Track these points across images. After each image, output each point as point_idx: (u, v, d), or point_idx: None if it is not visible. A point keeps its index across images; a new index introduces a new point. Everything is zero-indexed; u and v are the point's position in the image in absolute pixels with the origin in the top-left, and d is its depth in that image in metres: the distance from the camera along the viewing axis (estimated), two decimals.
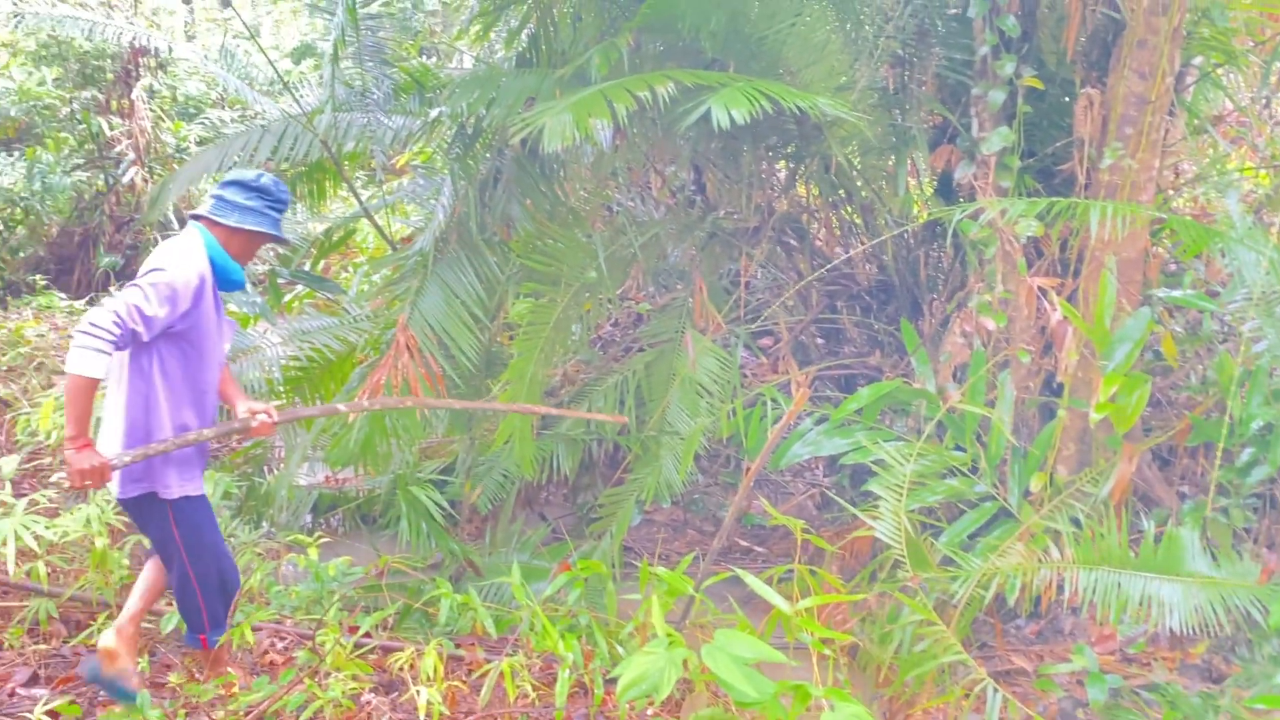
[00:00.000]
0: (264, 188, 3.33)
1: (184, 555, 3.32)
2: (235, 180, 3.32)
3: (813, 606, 3.18)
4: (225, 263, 3.27)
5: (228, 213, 3.27)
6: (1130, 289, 4.67)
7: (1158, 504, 4.87)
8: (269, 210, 3.34)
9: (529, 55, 4.90)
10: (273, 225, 3.34)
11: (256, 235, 3.34)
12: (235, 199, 3.29)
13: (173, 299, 3.05)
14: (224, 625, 3.49)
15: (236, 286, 3.37)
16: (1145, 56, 4.46)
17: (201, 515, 3.37)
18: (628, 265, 5.68)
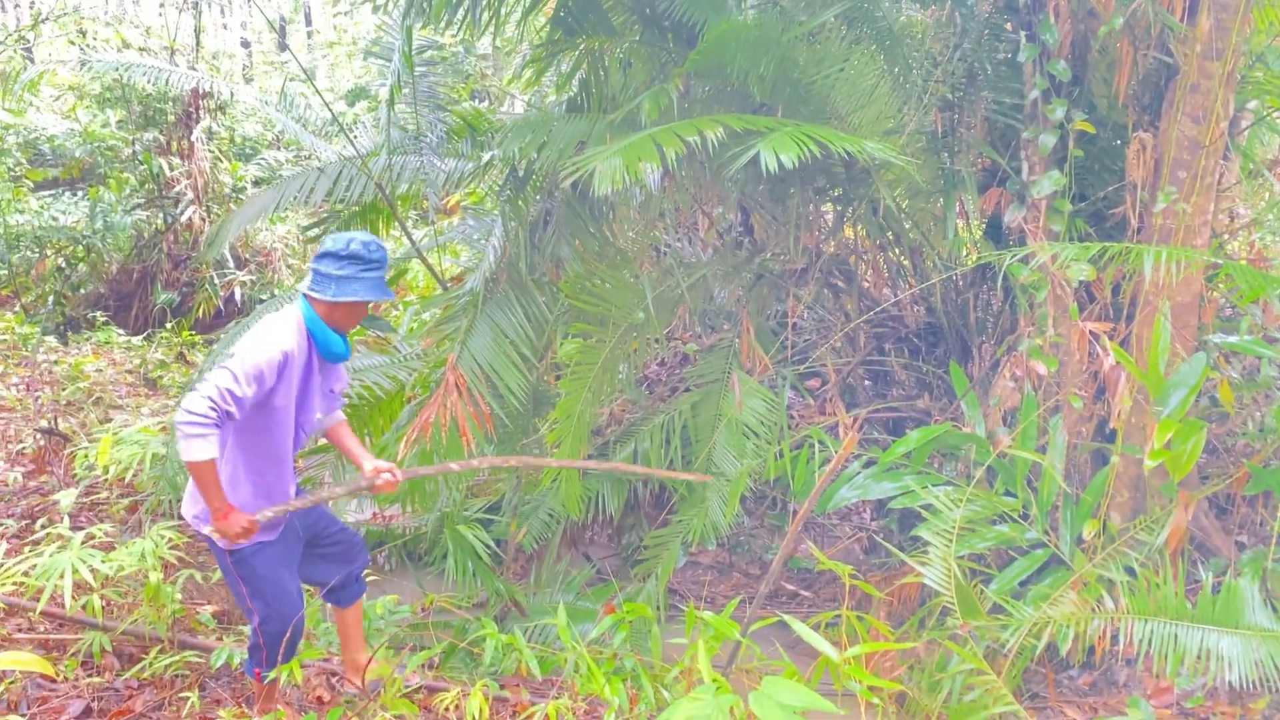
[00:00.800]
0: (355, 254, 3.35)
1: (244, 592, 3.48)
2: (328, 252, 3.38)
3: (861, 654, 3.15)
4: (325, 335, 3.38)
5: (325, 286, 3.35)
6: (1185, 334, 4.60)
7: (1215, 554, 4.77)
8: (363, 275, 3.36)
9: (580, 100, 4.97)
10: (368, 289, 3.36)
11: (356, 303, 3.40)
12: (329, 271, 3.35)
13: (259, 378, 3.17)
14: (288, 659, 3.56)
15: (338, 358, 3.46)
16: (1199, 100, 4.42)
17: (260, 561, 3.46)
18: (675, 306, 5.70)
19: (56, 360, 8.36)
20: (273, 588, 3.48)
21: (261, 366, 3.17)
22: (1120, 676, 4.73)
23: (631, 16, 5.17)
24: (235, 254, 11.18)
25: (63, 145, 11.09)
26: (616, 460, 5.81)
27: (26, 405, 7.17)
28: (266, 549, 3.47)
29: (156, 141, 10.97)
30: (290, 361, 3.27)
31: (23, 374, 8.10)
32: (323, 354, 3.43)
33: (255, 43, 23.39)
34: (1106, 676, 4.75)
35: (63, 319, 10.41)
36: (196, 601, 4.78)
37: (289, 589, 3.54)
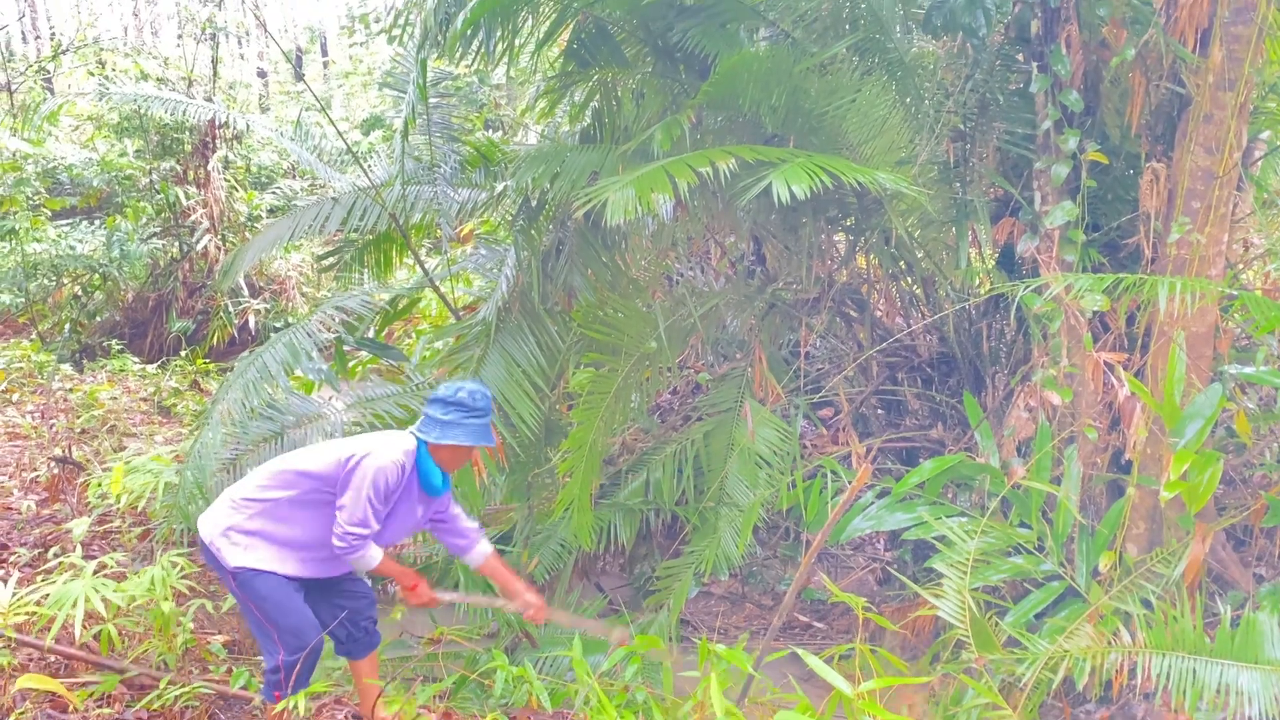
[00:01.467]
0: (460, 402, 3.66)
1: (258, 616, 3.59)
2: (438, 398, 3.70)
3: (875, 689, 3.12)
4: (428, 471, 3.71)
5: (430, 429, 3.66)
6: (1200, 365, 4.58)
7: (1233, 586, 4.71)
8: (466, 421, 3.65)
9: (593, 131, 5.00)
10: (470, 435, 3.65)
11: (458, 447, 3.71)
12: (436, 415, 3.67)
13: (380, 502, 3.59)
14: (301, 685, 3.63)
15: (435, 491, 3.77)
16: (1212, 131, 4.42)
17: (263, 583, 3.57)
18: (687, 335, 5.70)
19: (72, 388, 8.40)
20: (279, 608, 3.58)
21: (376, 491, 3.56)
22: (1138, 712, 4.66)
23: (644, 48, 5.20)
24: (250, 282, 11.25)
25: (81, 174, 11.21)
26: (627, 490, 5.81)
27: (41, 433, 7.20)
28: (269, 576, 3.58)
29: (173, 171, 11.08)
30: (402, 485, 3.65)
31: (38, 401, 8.15)
32: (423, 486, 3.74)
33: (272, 73, 23.64)
34: (1124, 711, 4.69)
35: (78, 346, 10.48)
36: (208, 631, 4.77)
37: (301, 610, 3.63)
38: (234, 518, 3.59)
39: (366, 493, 3.52)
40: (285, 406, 5.33)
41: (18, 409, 7.97)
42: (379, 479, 3.54)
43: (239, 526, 3.58)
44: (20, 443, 7.12)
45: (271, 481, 3.64)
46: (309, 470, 3.63)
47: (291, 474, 3.64)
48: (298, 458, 3.72)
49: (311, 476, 3.61)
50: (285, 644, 3.58)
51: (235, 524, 3.58)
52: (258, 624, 3.62)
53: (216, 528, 3.60)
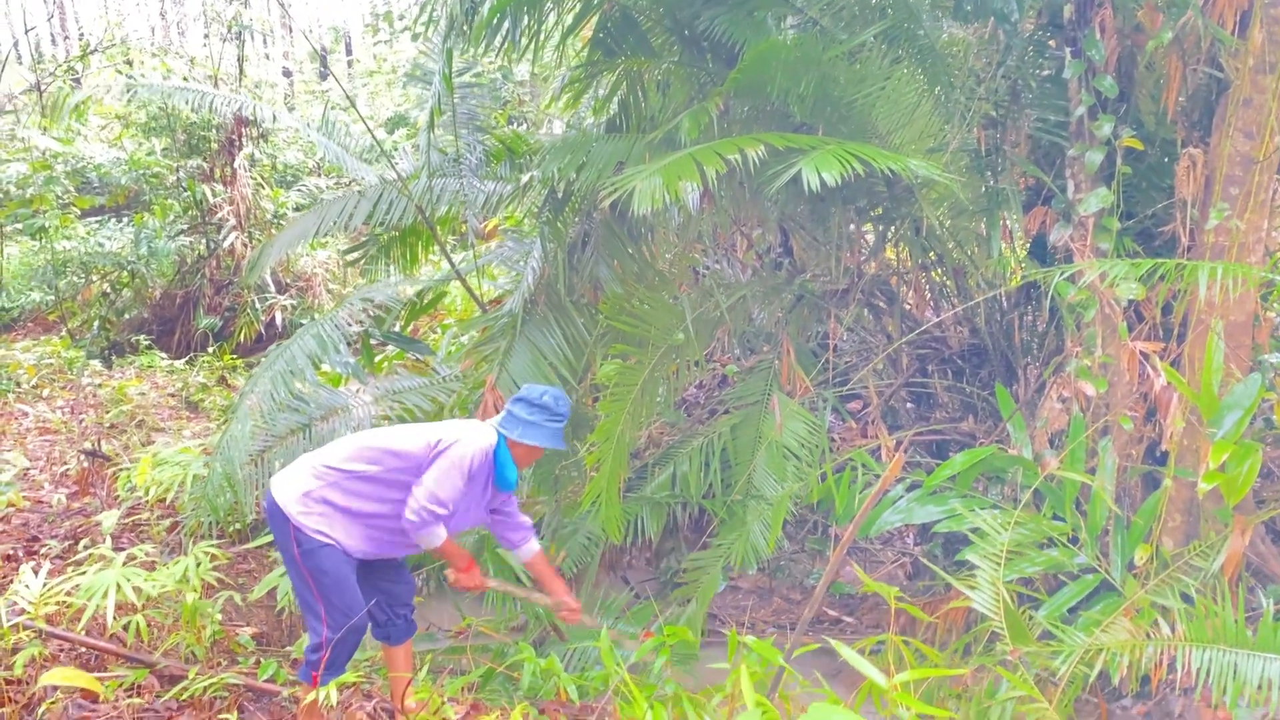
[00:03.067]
0: (545, 405, 3.83)
1: (312, 590, 3.61)
2: (523, 398, 3.86)
3: (909, 680, 3.06)
4: (505, 465, 3.84)
5: (514, 427, 3.81)
6: (1239, 354, 4.49)
7: (1272, 580, 4.63)
8: (547, 424, 3.81)
9: (618, 121, 4.96)
10: (548, 438, 3.81)
11: (534, 446, 3.85)
12: (520, 415, 3.82)
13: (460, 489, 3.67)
14: (339, 671, 3.65)
15: (508, 485, 3.89)
16: (1251, 115, 4.33)
17: (328, 557, 3.60)
18: (714, 327, 5.66)
19: (101, 384, 8.46)
20: (338, 585, 3.60)
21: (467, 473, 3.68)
22: (1176, 707, 4.59)
23: (670, 37, 5.16)
24: (276, 279, 11.30)
25: (109, 173, 11.28)
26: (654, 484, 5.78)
27: (71, 428, 7.25)
28: (334, 550, 3.60)
29: (200, 169, 11.14)
30: (481, 473, 3.76)
31: (68, 397, 8.20)
32: (498, 481, 3.86)
33: (297, 72, 23.75)
34: (1161, 707, 4.61)
35: (107, 343, 10.55)
36: (236, 623, 4.77)
37: (354, 590, 3.66)
38: (313, 484, 3.64)
39: (453, 474, 3.62)
40: (313, 399, 5.33)
41: (48, 404, 8.02)
42: (469, 464, 3.66)
43: (316, 494, 3.62)
44: (50, 437, 7.16)
45: (357, 455, 3.68)
46: (398, 449, 3.68)
47: (379, 451, 3.69)
48: (387, 436, 3.77)
49: (399, 455, 3.67)
50: (333, 622, 3.59)
51: (313, 490, 3.62)
52: (309, 599, 3.63)
53: (294, 492, 3.63)
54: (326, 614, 3.59)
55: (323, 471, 3.65)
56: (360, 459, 3.67)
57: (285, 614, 4.91)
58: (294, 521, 3.57)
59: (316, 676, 3.50)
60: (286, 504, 3.60)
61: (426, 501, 3.56)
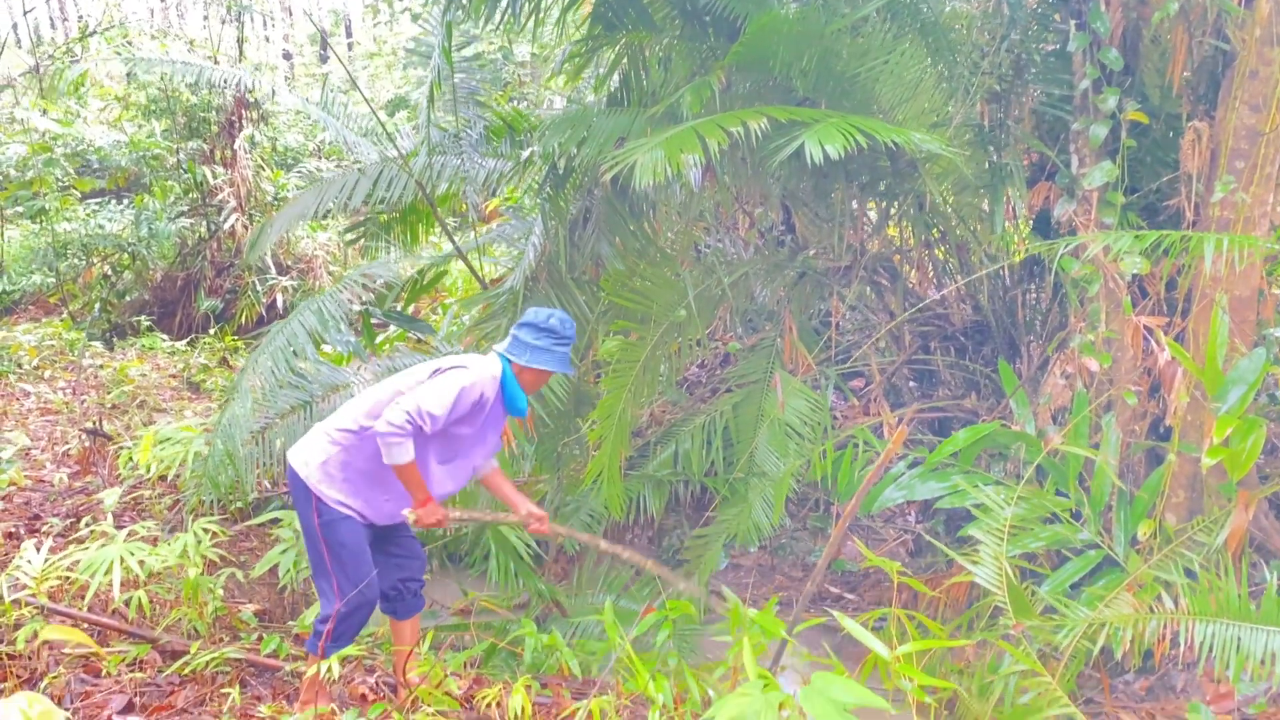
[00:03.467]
0: (551, 328, 3.76)
1: (327, 561, 3.58)
2: (528, 322, 3.79)
3: (913, 652, 3.06)
4: (514, 392, 3.77)
5: (521, 352, 3.75)
6: (1244, 329, 4.47)
7: (1276, 555, 4.62)
8: (555, 348, 3.77)
9: (619, 96, 4.93)
10: (557, 362, 3.77)
11: (543, 371, 3.80)
12: (527, 339, 3.76)
13: (454, 405, 3.54)
14: (347, 643, 3.64)
15: (519, 412, 3.83)
16: (1258, 88, 4.30)
17: (347, 529, 3.59)
18: (716, 305, 5.64)
19: (102, 365, 8.45)
20: (355, 558, 3.59)
21: (460, 396, 3.54)
22: (1178, 682, 4.59)
23: (672, 11, 5.12)
24: (277, 261, 11.27)
25: (109, 155, 11.24)
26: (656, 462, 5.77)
27: (73, 408, 7.24)
28: (354, 522, 3.60)
29: (200, 151, 11.10)
30: (484, 404, 3.66)
31: (69, 378, 8.20)
32: (509, 407, 3.81)
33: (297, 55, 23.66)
34: (1164, 682, 4.61)
35: (109, 326, 10.54)
36: (238, 600, 4.78)
37: (370, 564, 3.65)
38: (330, 451, 3.61)
39: (445, 396, 3.50)
40: (314, 376, 5.32)
41: (50, 385, 8.02)
42: (467, 393, 3.56)
43: (335, 460, 3.59)
44: (52, 417, 7.16)
45: (369, 411, 3.62)
46: (399, 386, 3.64)
47: (388, 396, 3.63)
48: (392, 381, 3.71)
49: (400, 391, 3.61)
50: (345, 594, 3.58)
51: (331, 457, 3.59)
52: (324, 570, 3.61)
53: (313, 460, 3.60)
54: (339, 586, 3.58)
55: (337, 437, 3.63)
56: (371, 415, 3.61)
57: (287, 591, 4.91)
58: (315, 491, 3.56)
59: (324, 648, 3.50)
60: (308, 474, 3.58)
61: (411, 408, 3.42)
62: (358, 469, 3.60)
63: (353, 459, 3.60)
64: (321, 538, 3.58)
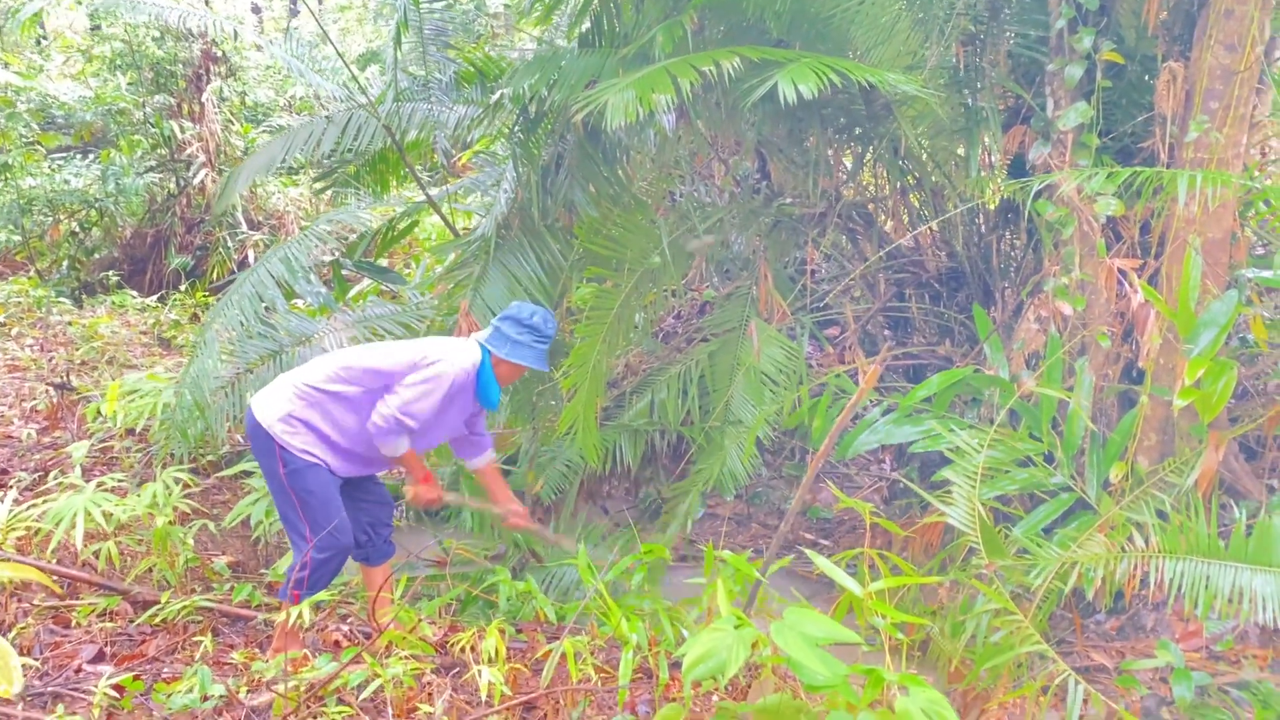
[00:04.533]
0: (534, 326, 3.84)
1: (297, 509, 3.59)
2: (512, 316, 3.86)
3: (885, 589, 3.07)
4: (489, 382, 3.84)
5: (501, 344, 3.81)
6: (1216, 272, 4.47)
7: (1244, 497, 4.66)
8: (535, 344, 3.83)
9: (591, 38, 4.84)
10: (535, 358, 3.84)
11: (519, 365, 3.87)
12: (509, 333, 3.82)
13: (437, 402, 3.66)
14: (321, 587, 3.64)
15: (490, 405, 3.92)
16: (1232, 27, 4.27)
17: (314, 477, 3.59)
18: (691, 252, 5.59)
19: (71, 321, 8.32)
20: (324, 505, 3.59)
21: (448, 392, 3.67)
22: (1148, 621, 4.64)
23: None
24: (248, 216, 11.11)
25: (74, 110, 11.00)
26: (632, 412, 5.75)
27: (40, 365, 7.14)
28: (322, 470, 3.60)
29: (167, 105, 10.88)
30: (455, 395, 3.73)
31: (37, 335, 8.07)
32: (481, 399, 3.87)
33: (266, 8, 23.22)
34: (1134, 621, 4.66)
35: (77, 283, 10.37)
36: (211, 552, 4.74)
37: (341, 510, 3.65)
38: (295, 405, 3.60)
39: (431, 392, 3.60)
40: (283, 325, 5.25)
41: (17, 343, 7.89)
42: (450, 384, 3.65)
43: (299, 414, 3.59)
44: (20, 374, 7.06)
45: (338, 375, 3.65)
46: (380, 368, 3.65)
47: (360, 370, 3.65)
48: (368, 354, 3.72)
49: (381, 374, 3.64)
50: (319, 542, 3.58)
51: (295, 411, 3.59)
52: (294, 519, 3.62)
53: (275, 413, 3.59)
54: (312, 534, 3.57)
55: (304, 391, 3.61)
56: (340, 380, 3.63)
57: (261, 542, 4.88)
58: (279, 441, 3.53)
59: (297, 595, 3.48)
60: (270, 424, 3.56)
61: (397, 410, 3.54)
62: (318, 429, 3.60)
63: (318, 416, 3.60)
64: (289, 488, 3.57)
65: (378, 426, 3.55)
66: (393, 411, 3.55)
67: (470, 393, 3.81)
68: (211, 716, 3.11)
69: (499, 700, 3.09)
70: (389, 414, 3.55)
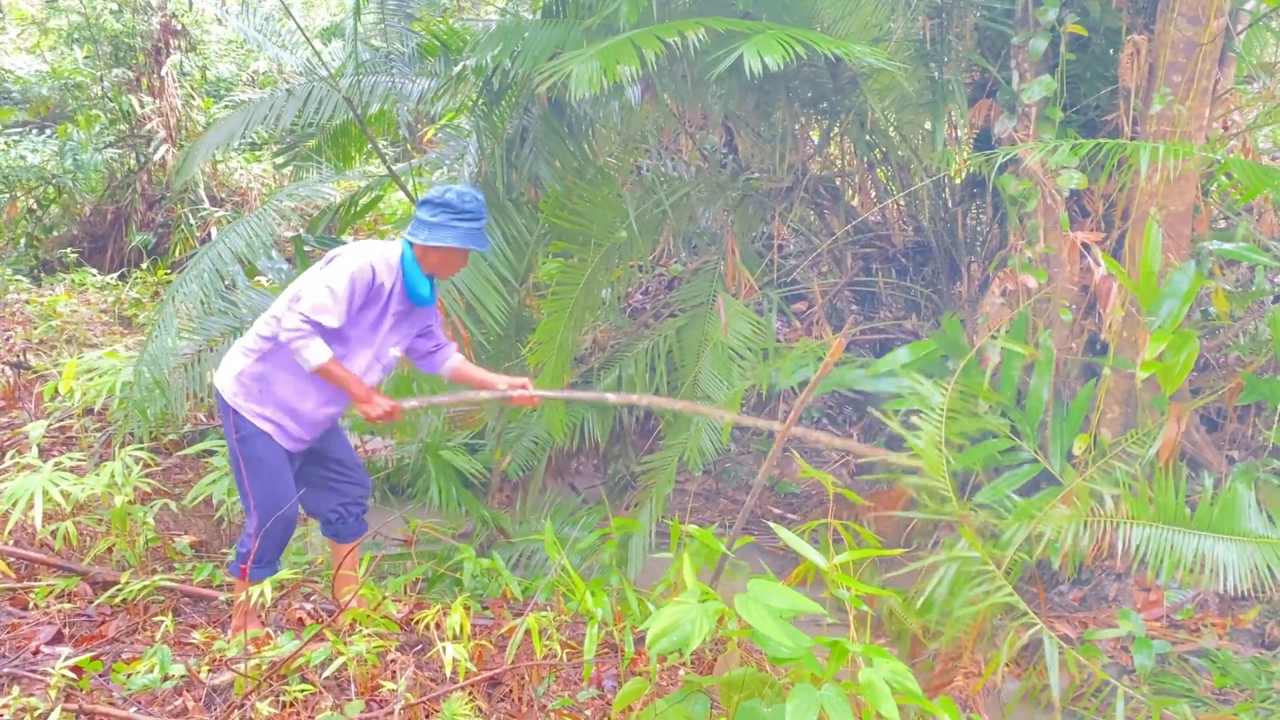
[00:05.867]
0: (448, 202, 3.47)
1: (246, 476, 3.49)
2: (424, 199, 3.52)
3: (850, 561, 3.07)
4: (414, 276, 3.53)
5: (417, 231, 3.49)
6: (1179, 244, 4.50)
7: (1205, 467, 4.71)
8: (455, 223, 3.46)
9: (555, 8, 4.78)
10: (460, 238, 3.47)
11: (449, 250, 3.52)
12: (424, 217, 3.49)
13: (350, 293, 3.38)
14: (272, 566, 3.56)
15: (422, 301, 3.59)
16: (1196, 0, 4.28)
17: (264, 447, 3.48)
18: (658, 227, 5.56)
19: (28, 300, 8.17)
20: (271, 474, 3.49)
21: (352, 282, 3.36)
22: (1110, 591, 4.69)
23: None
24: (210, 193, 10.94)
25: (29, 84, 10.78)
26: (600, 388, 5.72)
27: None
28: (270, 439, 3.49)
29: (126, 79, 10.67)
30: (378, 286, 3.44)
31: None
32: (409, 295, 3.55)
33: None
34: (1096, 591, 4.71)
35: (35, 262, 10.18)
36: (173, 532, 4.68)
37: (288, 482, 3.55)
38: (244, 362, 3.50)
39: (334, 282, 3.34)
40: (244, 301, 5.17)
41: None
42: (353, 272, 3.36)
43: (249, 371, 3.48)
44: None
45: (272, 316, 3.50)
46: (293, 293, 3.45)
47: (284, 299, 3.48)
48: (295, 283, 3.53)
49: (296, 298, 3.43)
50: (261, 510, 3.49)
51: (245, 369, 3.48)
52: (243, 487, 3.54)
53: (229, 373, 3.51)
54: (257, 504, 3.50)
55: (252, 344, 3.52)
56: (274, 320, 3.47)
57: (224, 522, 4.82)
58: (232, 405, 3.46)
59: (245, 570, 3.43)
60: (224, 388, 3.50)
61: (303, 308, 3.31)
62: (273, 378, 3.49)
63: (267, 368, 3.49)
64: (239, 453, 3.50)
65: (286, 330, 3.29)
66: (299, 309, 3.30)
67: (399, 290, 3.52)
68: (172, 696, 3.07)
69: (464, 676, 3.07)
70: (295, 311, 3.30)
